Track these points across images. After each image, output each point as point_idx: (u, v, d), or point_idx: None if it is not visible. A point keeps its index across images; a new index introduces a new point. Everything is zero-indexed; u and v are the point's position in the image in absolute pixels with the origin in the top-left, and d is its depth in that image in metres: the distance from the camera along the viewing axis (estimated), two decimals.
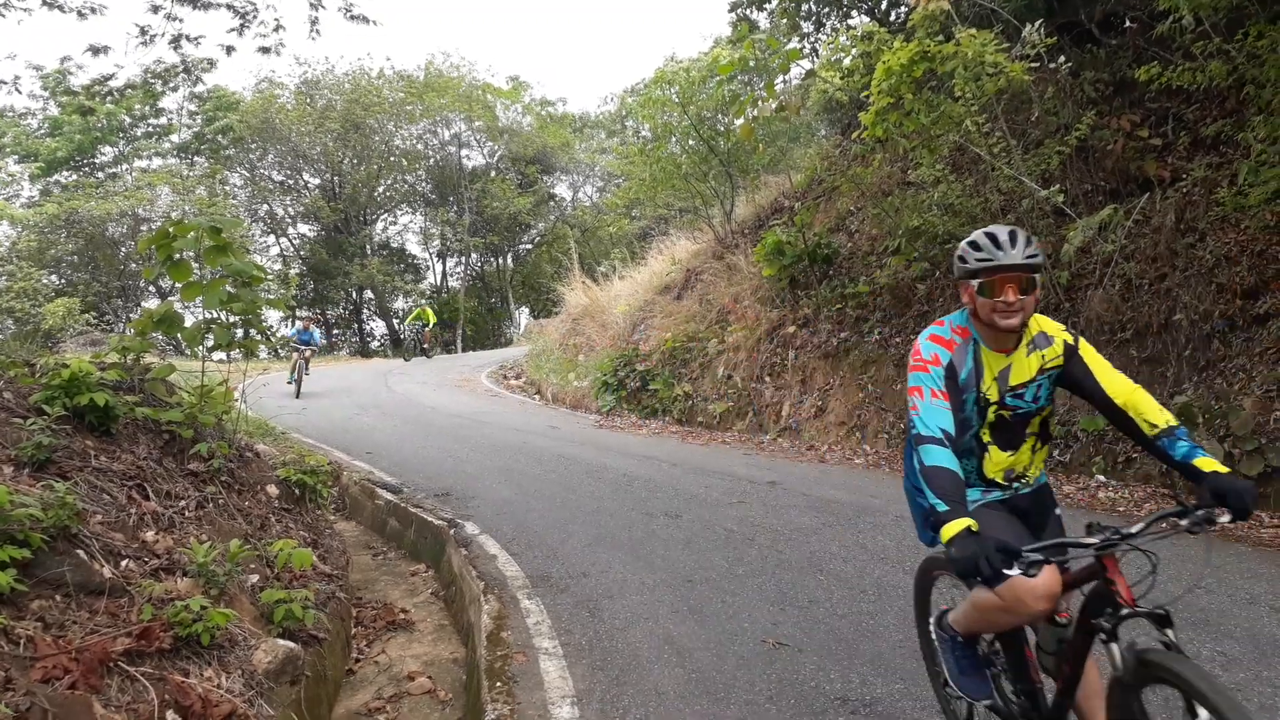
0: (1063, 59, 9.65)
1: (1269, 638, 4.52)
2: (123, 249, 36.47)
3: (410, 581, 7.02)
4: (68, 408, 5.19)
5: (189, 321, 7.03)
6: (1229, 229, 8.56)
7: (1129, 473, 8.29)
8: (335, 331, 48.73)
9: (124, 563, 4.29)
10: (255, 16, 11.90)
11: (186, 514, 5.35)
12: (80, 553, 4.08)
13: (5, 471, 4.41)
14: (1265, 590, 5.27)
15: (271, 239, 47.26)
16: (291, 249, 47.57)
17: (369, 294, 46.94)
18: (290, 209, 46.82)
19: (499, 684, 4.34)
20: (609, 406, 16.20)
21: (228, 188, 43.80)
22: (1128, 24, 10.84)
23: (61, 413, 5.08)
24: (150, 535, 4.72)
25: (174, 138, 44.67)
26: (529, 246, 52.34)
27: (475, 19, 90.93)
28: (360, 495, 9.33)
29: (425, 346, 32.62)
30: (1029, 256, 2.80)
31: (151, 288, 37.86)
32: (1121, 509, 7.51)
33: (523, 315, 50.80)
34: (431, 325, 32.48)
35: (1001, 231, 2.87)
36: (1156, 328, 8.70)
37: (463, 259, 50.13)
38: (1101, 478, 8.40)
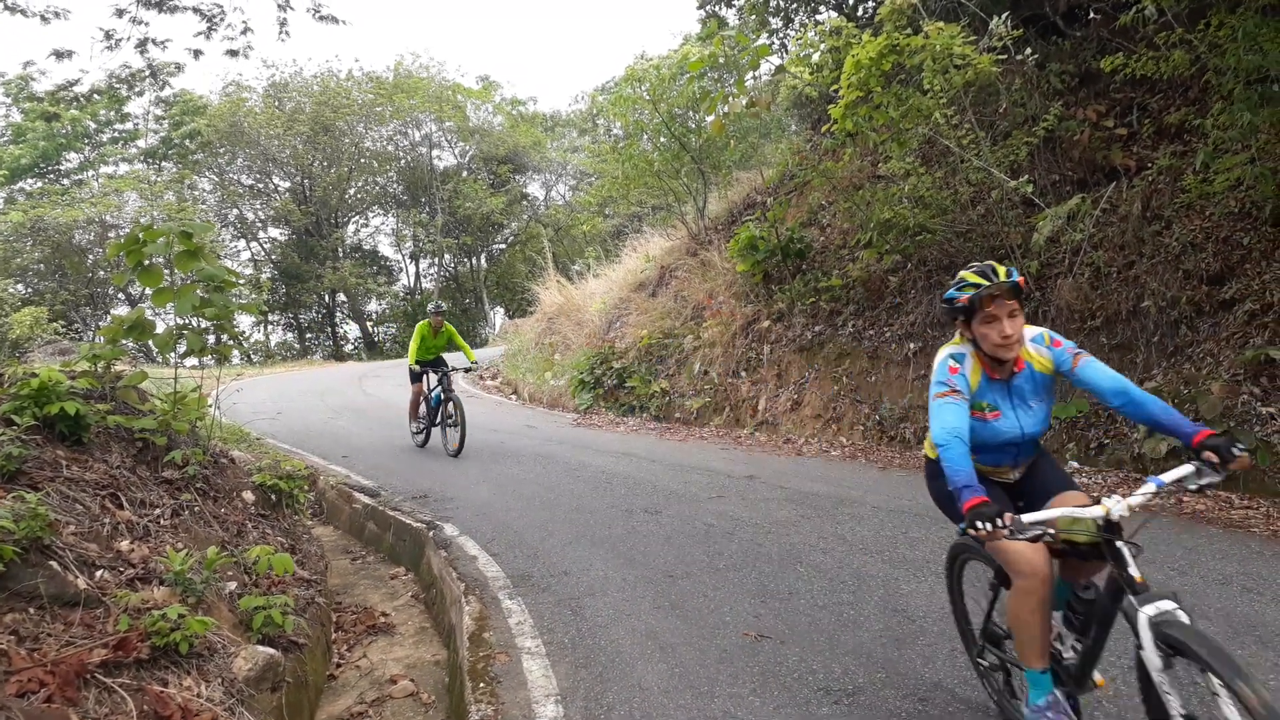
0: (1029, 51, 9.75)
1: (1241, 617, 4.59)
2: (90, 256, 36.03)
3: (390, 585, 6.98)
4: (37, 417, 5.12)
5: (160, 328, 6.95)
6: (1194, 216, 8.68)
7: (1101, 459, 8.39)
8: (308, 335, 48.37)
9: (99, 573, 4.24)
10: (223, 19, 11.77)
11: (162, 522, 5.29)
12: (53, 564, 4.02)
13: None
14: (1237, 570, 5.36)
15: (242, 243, 46.91)
16: (262, 253, 47.19)
17: (341, 297, 46.58)
18: (260, 213, 46.45)
19: (482, 685, 4.33)
20: (586, 405, 16.19)
21: (196, 193, 43.39)
22: (1092, 15, 10.97)
23: (31, 422, 5.02)
24: (125, 545, 4.66)
25: (140, 143, 44.18)
26: (502, 246, 52.20)
27: (444, 19, 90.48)
28: (337, 499, 9.27)
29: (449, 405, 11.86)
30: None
31: (121, 295, 37.41)
32: (1094, 494, 7.60)
33: (498, 315, 50.65)
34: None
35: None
36: (1125, 315, 8.81)
37: (436, 260, 49.93)
38: (1074, 464, 8.50)
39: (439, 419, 11.76)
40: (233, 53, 12.05)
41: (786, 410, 12.41)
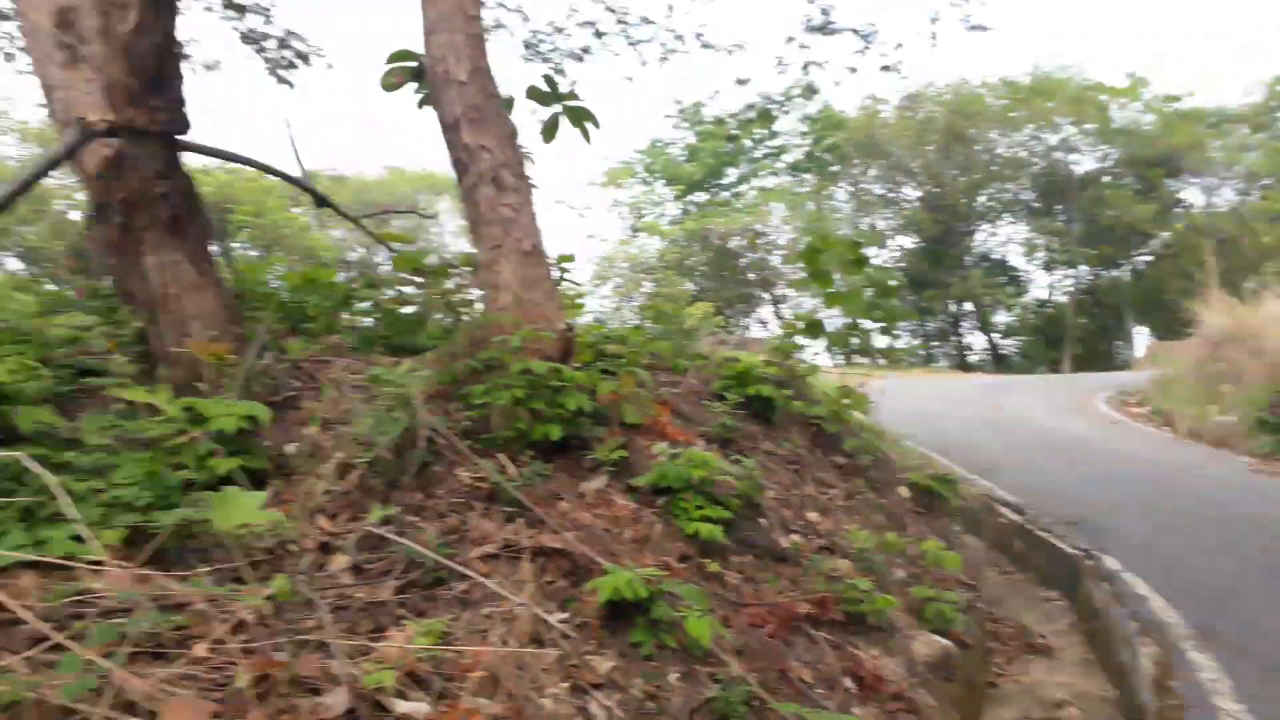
0: None
1: None
2: (742, 260, 40.80)
3: (1043, 607, 6.62)
4: (742, 395, 5.89)
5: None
6: None
7: None
8: (933, 343, 48.89)
9: (793, 536, 4.66)
10: (876, 37, 12.51)
11: (837, 502, 5.67)
12: (762, 521, 4.52)
13: (700, 444, 5.07)
14: None
15: (872, 250, 49.10)
16: (891, 261, 48.84)
17: (968, 306, 46.18)
18: (890, 221, 48.08)
19: None
20: (1268, 449, 13.63)
21: (833, 202, 46.61)
22: None
23: (738, 400, 5.78)
24: (813, 515, 5.06)
25: (786, 158, 48.73)
26: (1149, 258, 46.80)
27: (1084, 11, 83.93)
28: (981, 511, 9.09)
29: None
30: None
31: (765, 294, 41.79)
32: None
33: (1141, 336, 45.70)
34: None
35: None
36: None
37: (1070, 271, 46.73)
38: None
39: None
40: (886, 68, 12.73)
41: None
